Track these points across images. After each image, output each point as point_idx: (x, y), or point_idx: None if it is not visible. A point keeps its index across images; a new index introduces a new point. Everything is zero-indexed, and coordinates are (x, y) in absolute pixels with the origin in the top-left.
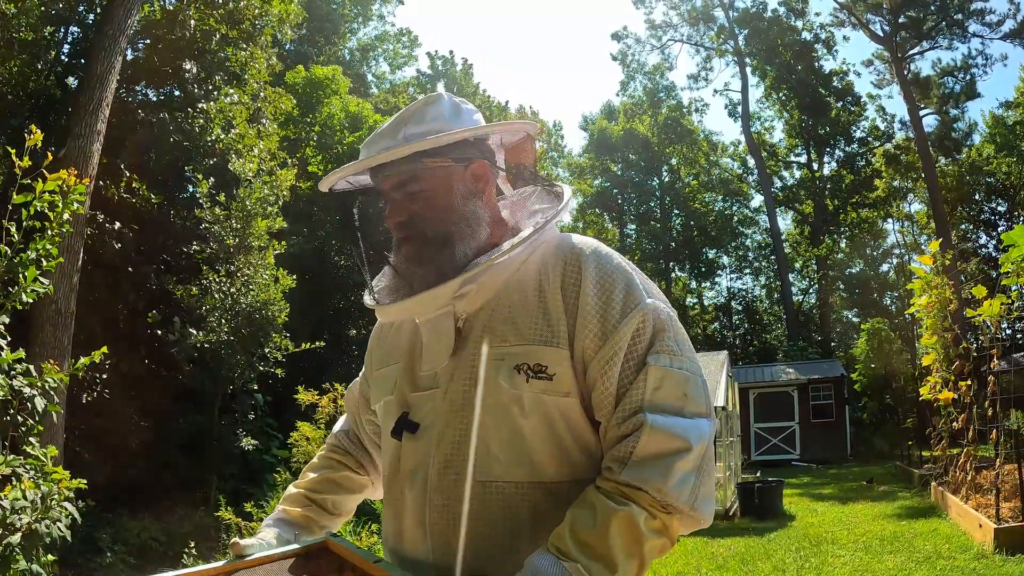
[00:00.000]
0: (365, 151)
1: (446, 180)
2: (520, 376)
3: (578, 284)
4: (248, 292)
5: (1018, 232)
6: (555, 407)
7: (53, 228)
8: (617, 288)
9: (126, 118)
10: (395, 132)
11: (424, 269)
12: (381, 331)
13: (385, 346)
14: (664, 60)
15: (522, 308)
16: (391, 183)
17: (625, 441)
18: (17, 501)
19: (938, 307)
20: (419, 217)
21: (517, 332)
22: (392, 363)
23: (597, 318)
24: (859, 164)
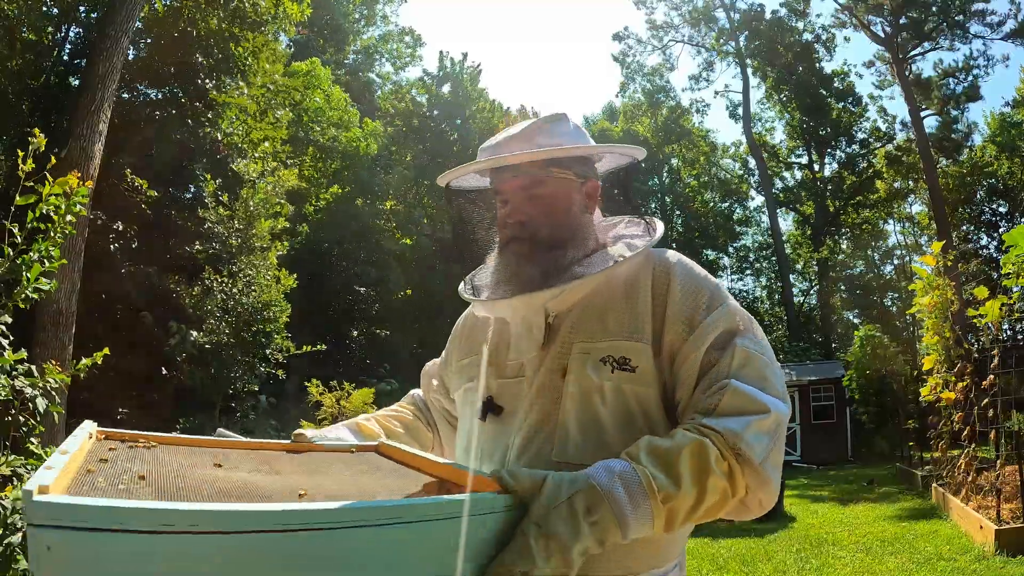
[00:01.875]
0: (491, 151)
1: (566, 191)
2: (605, 367)
3: (667, 288)
4: (250, 293)
5: (1019, 233)
6: (634, 398)
7: (56, 231)
8: (703, 292)
9: (128, 117)
10: (529, 139)
11: (531, 270)
12: (467, 322)
13: (470, 338)
14: (665, 61)
15: (610, 308)
16: (516, 184)
17: (710, 400)
18: (18, 501)
19: (939, 308)
20: (535, 220)
21: (604, 329)
22: (474, 354)
23: (685, 315)
24: (860, 165)
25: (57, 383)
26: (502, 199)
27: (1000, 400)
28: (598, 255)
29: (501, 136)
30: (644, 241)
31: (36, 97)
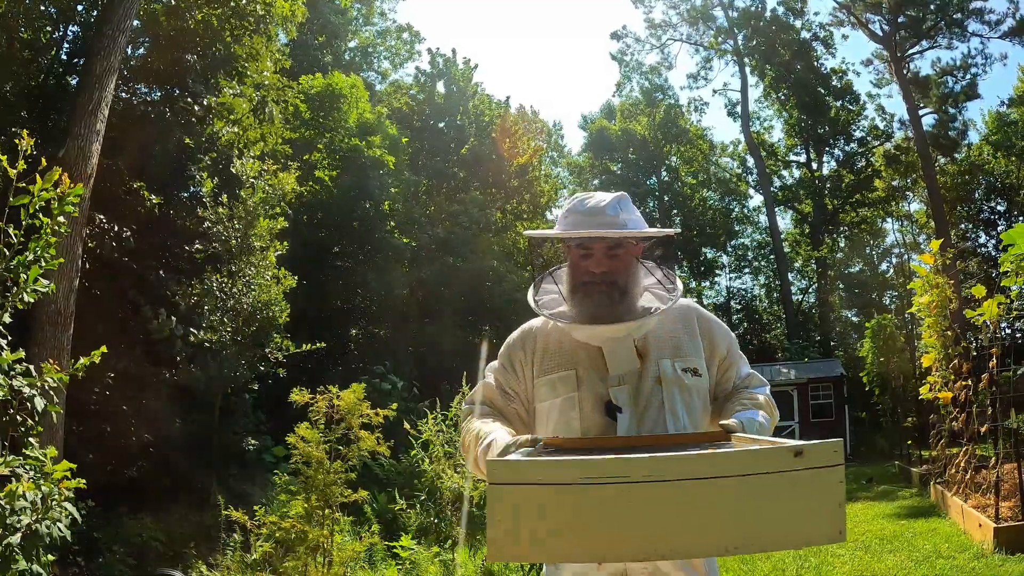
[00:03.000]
0: (590, 219)
1: (631, 252)
2: (687, 374)
3: (708, 326)
4: (250, 292)
5: (1017, 231)
6: (698, 392)
7: (47, 230)
8: (725, 328)
9: (127, 117)
10: (616, 214)
11: (620, 308)
12: (538, 343)
13: (555, 356)
14: (663, 60)
15: (675, 334)
16: (604, 246)
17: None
18: (17, 501)
19: (938, 306)
20: (616, 272)
21: (679, 349)
22: (567, 368)
23: (722, 341)
24: (858, 164)
25: (55, 383)
26: (586, 252)
27: (998, 398)
28: (645, 296)
29: (593, 203)
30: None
31: (34, 96)
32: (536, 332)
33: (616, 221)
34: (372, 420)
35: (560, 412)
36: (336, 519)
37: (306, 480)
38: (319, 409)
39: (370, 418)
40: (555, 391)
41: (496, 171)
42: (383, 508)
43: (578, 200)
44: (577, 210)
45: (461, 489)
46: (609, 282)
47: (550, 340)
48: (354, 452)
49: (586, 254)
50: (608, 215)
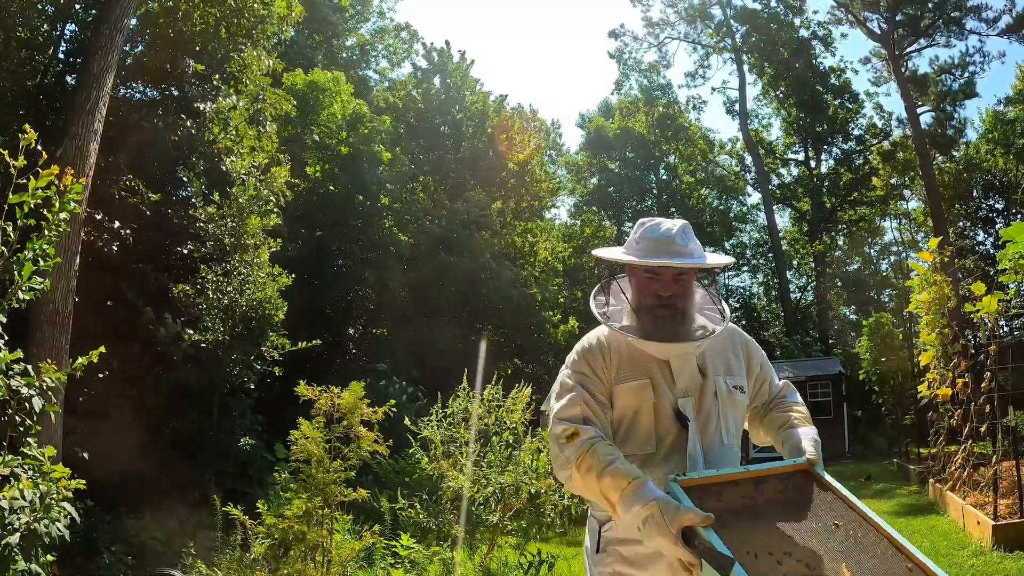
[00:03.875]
0: (662, 247)
1: (692, 278)
2: (735, 391)
3: (747, 346)
4: (245, 291)
5: (1016, 228)
6: (742, 406)
7: (50, 228)
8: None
9: (124, 117)
10: (684, 243)
11: (688, 328)
12: (613, 354)
13: (631, 364)
14: (661, 58)
15: (724, 354)
16: (673, 272)
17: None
18: (16, 501)
19: (937, 304)
20: (682, 296)
21: (728, 367)
22: (642, 378)
23: (757, 360)
24: (856, 162)
25: (53, 382)
26: (654, 276)
27: (997, 396)
28: (698, 317)
29: (664, 231)
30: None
31: (32, 95)
32: (608, 342)
33: (684, 251)
34: (372, 419)
35: (637, 416)
36: (335, 518)
37: (306, 479)
38: (321, 407)
39: (370, 417)
40: (635, 397)
41: (494, 169)
42: (383, 508)
43: (649, 227)
44: (649, 236)
45: (461, 489)
46: (674, 304)
47: (623, 350)
48: (354, 451)
49: (654, 278)
50: (677, 244)
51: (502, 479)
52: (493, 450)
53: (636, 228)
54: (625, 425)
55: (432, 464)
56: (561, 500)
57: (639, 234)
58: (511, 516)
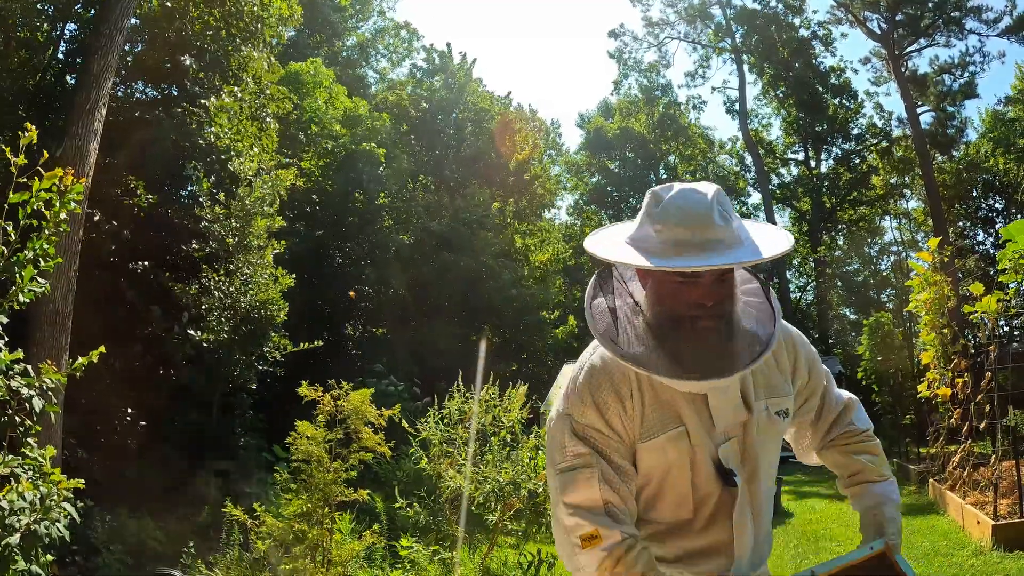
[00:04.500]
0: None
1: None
2: (778, 417)
3: (792, 345)
4: (247, 291)
5: (1016, 227)
6: (782, 431)
7: (50, 228)
8: (808, 346)
9: (124, 116)
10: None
11: (736, 348)
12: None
13: (657, 408)
14: (661, 58)
15: (768, 372)
16: (716, 271)
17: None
18: (16, 502)
19: (936, 304)
20: (728, 301)
21: (773, 388)
22: (675, 425)
23: (805, 364)
24: (856, 161)
25: (53, 383)
26: (687, 280)
27: (997, 396)
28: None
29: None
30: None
31: (31, 95)
32: (622, 378)
33: (729, 235)
34: (377, 422)
35: (668, 476)
36: (335, 518)
37: (306, 479)
38: (324, 407)
39: (375, 420)
40: (665, 455)
41: (495, 168)
42: (379, 508)
43: (671, 203)
44: (674, 218)
45: (460, 488)
46: (719, 315)
47: (644, 388)
48: (355, 452)
49: (688, 281)
50: (717, 225)
51: (500, 477)
52: (491, 450)
53: (649, 203)
54: (652, 488)
55: (431, 464)
56: None
57: (657, 214)
58: (511, 516)
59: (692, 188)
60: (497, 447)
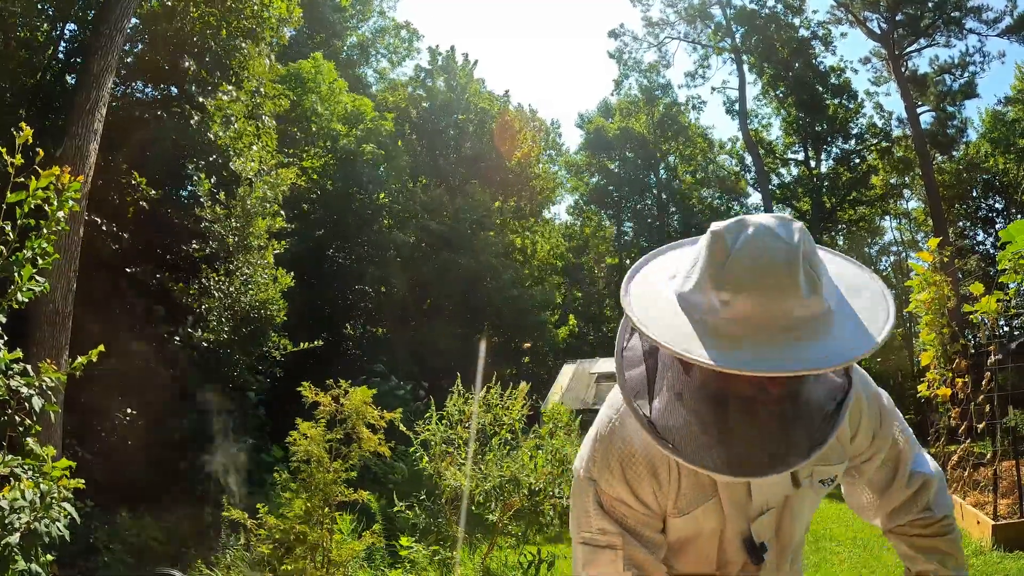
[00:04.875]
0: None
1: None
2: (822, 485)
3: (859, 415)
4: (247, 291)
5: (1016, 227)
6: (821, 496)
7: (49, 227)
8: (876, 406)
9: (124, 116)
10: (815, 293)
11: (800, 433)
12: (673, 471)
13: (693, 484)
14: (661, 58)
15: None
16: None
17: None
18: (16, 501)
19: (936, 304)
20: (797, 383)
21: (822, 457)
22: (709, 497)
23: (869, 432)
24: (856, 161)
25: (53, 382)
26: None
27: (997, 396)
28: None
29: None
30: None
31: (31, 95)
32: (659, 454)
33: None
34: (378, 423)
35: (694, 540)
36: (335, 518)
37: (306, 479)
38: (325, 407)
39: (376, 421)
40: (695, 525)
41: (495, 168)
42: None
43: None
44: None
45: (459, 488)
46: (784, 399)
47: (680, 465)
48: (355, 452)
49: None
50: (804, 298)
51: (502, 474)
52: (492, 449)
53: (712, 252)
54: (675, 544)
55: (431, 464)
56: (560, 500)
57: (723, 277)
58: (511, 515)
59: (770, 232)
60: (497, 446)
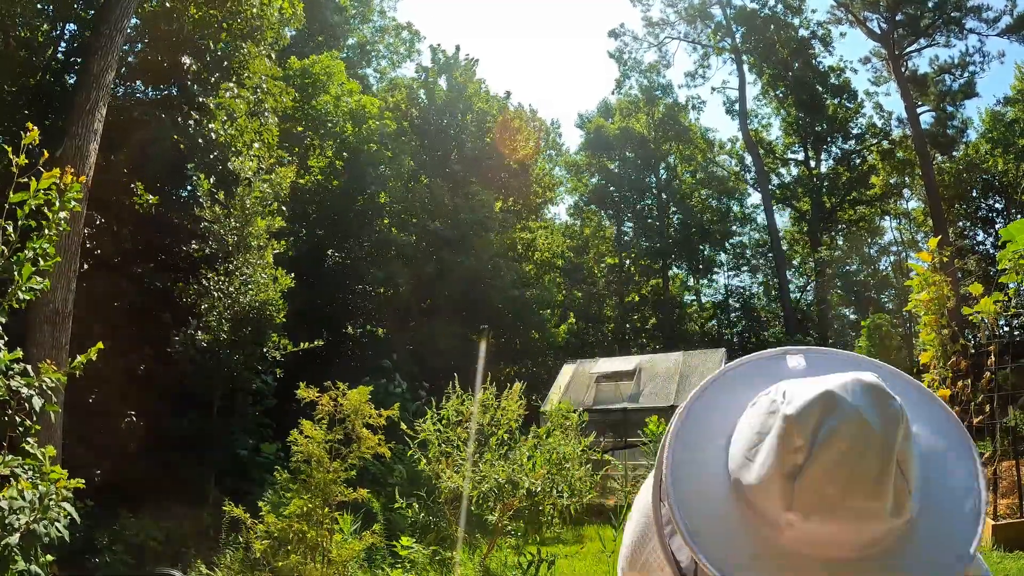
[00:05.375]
0: (856, 540)
1: None
2: None
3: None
4: (247, 291)
5: (1016, 227)
6: None
7: (50, 227)
8: None
9: (124, 117)
10: (901, 513)
11: None
12: None
13: None
14: (661, 58)
15: None
16: None
17: None
18: (15, 502)
19: (936, 304)
20: None
21: None
22: None
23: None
24: (856, 161)
25: (53, 382)
26: None
27: (996, 396)
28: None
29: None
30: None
31: (31, 95)
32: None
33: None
34: (377, 422)
35: None
36: (335, 518)
37: (305, 479)
38: (324, 408)
39: (375, 420)
40: None
41: (496, 169)
42: (375, 508)
43: (825, 483)
44: (822, 511)
45: (458, 488)
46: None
47: None
48: (355, 452)
49: None
50: (889, 521)
51: (498, 475)
52: (490, 449)
53: (778, 445)
54: None
55: (430, 465)
56: (560, 500)
57: (797, 494)
58: (510, 516)
59: (861, 428)
60: (495, 446)
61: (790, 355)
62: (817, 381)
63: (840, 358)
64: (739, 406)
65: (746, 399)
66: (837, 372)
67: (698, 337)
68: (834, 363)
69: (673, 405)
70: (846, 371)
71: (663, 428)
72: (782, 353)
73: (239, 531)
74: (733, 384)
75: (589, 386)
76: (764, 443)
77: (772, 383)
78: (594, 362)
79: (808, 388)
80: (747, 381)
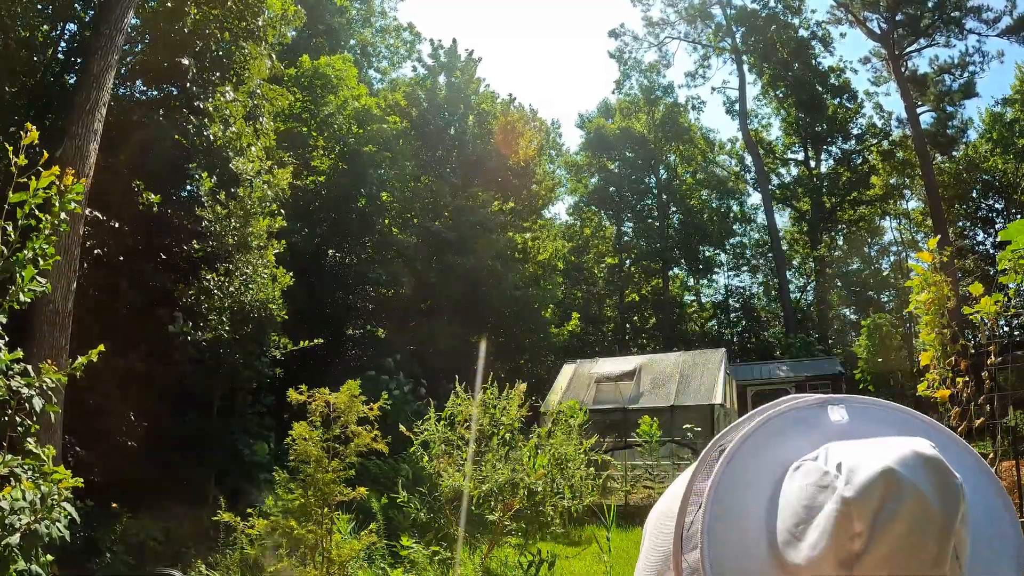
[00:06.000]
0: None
1: None
2: None
3: None
4: (247, 291)
5: (1016, 227)
6: None
7: (49, 228)
8: None
9: (124, 117)
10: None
11: None
12: None
13: None
14: (661, 58)
15: None
16: None
17: None
18: (16, 502)
19: (936, 304)
20: None
21: None
22: None
23: None
24: (856, 161)
25: (53, 382)
26: None
27: (996, 396)
28: None
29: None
30: None
31: (31, 95)
32: None
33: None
34: (369, 415)
35: None
36: (334, 518)
37: (304, 479)
38: (316, 408)
39: (367, 414)
40: None
41: (497, 169)
42: (375, 508)
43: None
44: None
45: (459, 488)
46: None
47: None
48: (351, 450)
49: None
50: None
51: (499, 476)
52: (491, 449)
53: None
54: None
55: (431, 464)
56: (561, 500)
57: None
58: (511, 516)
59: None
60: (496, 446)
61: (832, 406)
62: (873, 452)
63: (883, 413)
64: (779, 461)
65: (784, 454)
66: (886, 433)
67: (698, 337)
68: (878, 418)
69: (673, 405)
70: (895, 432)
71: (656, 428)
72: (823, 403)
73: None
74: (771, 435)
75: (589, 386)
76: (816, 522)
77: (813, 438)
78: (594, 362)
79: (865, 462)
80: (786, 433)
